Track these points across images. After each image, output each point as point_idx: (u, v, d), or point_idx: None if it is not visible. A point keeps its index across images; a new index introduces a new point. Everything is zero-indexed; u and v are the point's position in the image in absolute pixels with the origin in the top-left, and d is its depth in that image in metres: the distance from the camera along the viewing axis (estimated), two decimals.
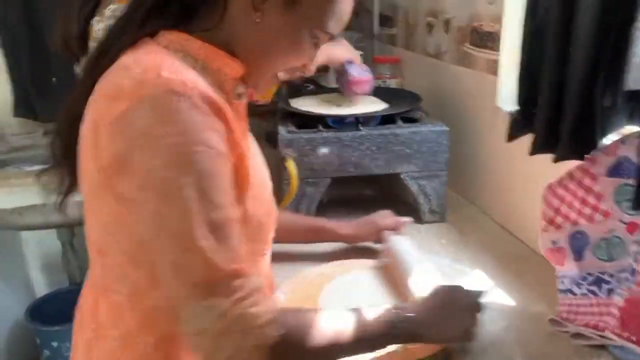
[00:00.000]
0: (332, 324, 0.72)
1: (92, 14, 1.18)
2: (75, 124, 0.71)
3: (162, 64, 0.64)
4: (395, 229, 1.20)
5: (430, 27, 1.67)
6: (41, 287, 2.39)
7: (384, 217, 1.22)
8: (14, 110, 2.12)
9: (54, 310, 2.13)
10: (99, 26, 1.17)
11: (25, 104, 2.11)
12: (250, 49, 0.72)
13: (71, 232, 2.19)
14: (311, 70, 0.82)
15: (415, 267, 1.04)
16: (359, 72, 1.42)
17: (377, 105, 1.46)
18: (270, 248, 0.88)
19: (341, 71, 1.43)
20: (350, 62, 1.42)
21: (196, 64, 0.69)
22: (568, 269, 0.96)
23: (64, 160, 0.76)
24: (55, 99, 2.10)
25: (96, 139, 0.65)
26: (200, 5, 0.72)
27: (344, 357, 0.75)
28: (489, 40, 1.33)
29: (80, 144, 0.70)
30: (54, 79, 2.08)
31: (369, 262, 1.16)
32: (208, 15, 0.71)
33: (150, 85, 0.62)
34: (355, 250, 1.22)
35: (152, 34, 0.71)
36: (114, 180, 0.64)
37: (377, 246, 1.20)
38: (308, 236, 1.19)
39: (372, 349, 0.78)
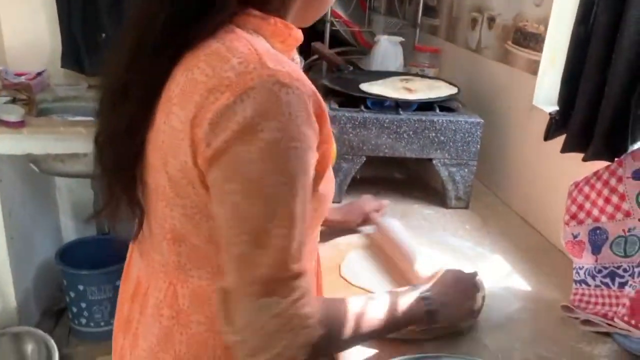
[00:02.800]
0: (364, 312, 0.76)
1: None
2: (137, 126, 0.69)
3: (260, 52, 0.62)
4: (378, 210, 1.26)
5: (474, 22, 1.72)
6: (70, 233, 2.51)
7: (368, 200, 1.28)
8: (62, 61, 2.20)
9: (82, 256, 2.25)
10: None
11: (74, 57, 2.19)
12: (301, 4, 0.72)
13: None
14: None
15: (414, 247, 1.11)
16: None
17: (440, 91, 1.50)
18: None
19: None
20: None
21: (267, 41, 0.68)
22: (585, 261, 1.04)
23: (116, 169, 0.74)
24: (102, 55, 2.19)
25: (192, 133, 0.63)
26: None
27: (375, 339, 0.84)
28: (531, 40, 1.39)
29: (158, 138, 0.67)
30: (103, 35, 2.16)
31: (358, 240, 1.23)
32: None
33: (256, 77, 0.60)
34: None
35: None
36: (208, 171, 0.63)
37: (364, 228, 1.27)
38: None
39: (397, 329, 0.84)
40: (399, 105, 1.42)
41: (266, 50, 0.64)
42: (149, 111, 0.68)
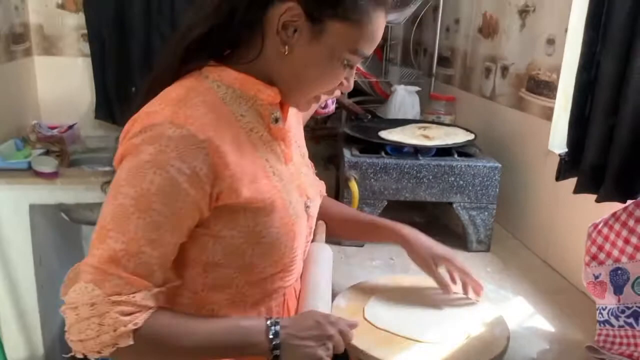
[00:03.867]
0: (190, 331, 0.77)
1: None
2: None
3: (181, 99, 0.75)
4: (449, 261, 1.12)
5: (487, 70, 1.79)
6: None
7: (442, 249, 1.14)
8: (95, 113, 2.32)
9: None
10: None
11: (107, 109, 2.31)
12: (285, 78, 0.81)
13: None
14: (349, 88, 0.86)
15: (325, 289, 1.00)
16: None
17: (458, 137, 1.55)
18: (297, 265, 0.92)
19: None
20: None
21: (227, 91, 0.80)
22: (607, 301, 1.05)
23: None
24: (132, 107, 2.29)
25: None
26: (242, 42, 0.80)
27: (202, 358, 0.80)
28: (544, 88, 1.45)
29: None
30: (133, 89, 2.27)
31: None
32: (248, 50, 0.80)
33: (159, 116, 0.73)
34: None
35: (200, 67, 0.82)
36: None
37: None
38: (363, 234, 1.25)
39: (228, 355, 0.80)
40: (418, 151, 1.47)
41: (189, 98, 0.76)
42: None
